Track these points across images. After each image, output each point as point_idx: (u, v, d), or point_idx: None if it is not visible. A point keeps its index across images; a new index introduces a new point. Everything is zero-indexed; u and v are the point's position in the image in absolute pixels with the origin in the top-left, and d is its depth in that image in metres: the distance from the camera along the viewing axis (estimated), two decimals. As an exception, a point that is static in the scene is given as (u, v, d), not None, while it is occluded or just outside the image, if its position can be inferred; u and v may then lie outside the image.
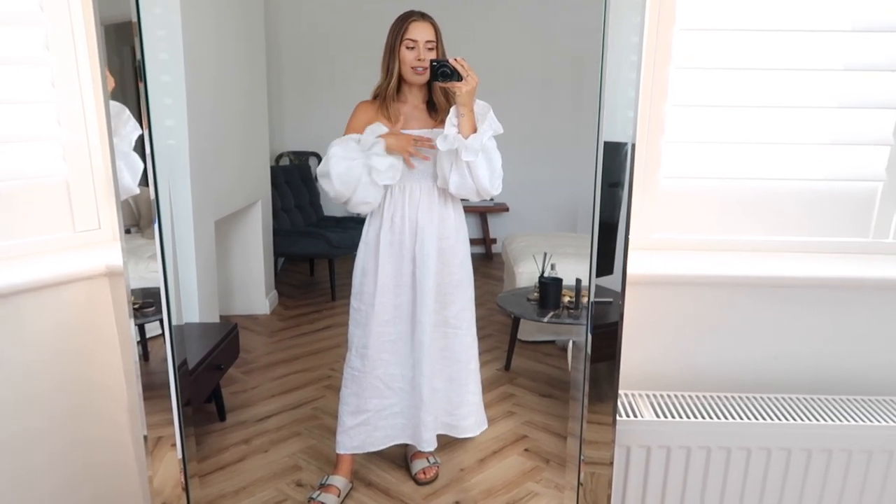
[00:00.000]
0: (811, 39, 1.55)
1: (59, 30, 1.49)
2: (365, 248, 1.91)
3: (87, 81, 1.53)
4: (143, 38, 1.21)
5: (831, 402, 1.60)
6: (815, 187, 1.66)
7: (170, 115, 2.53)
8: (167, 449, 1.40)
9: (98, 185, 1.60)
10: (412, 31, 1.73)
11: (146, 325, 1.37)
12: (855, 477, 1.54)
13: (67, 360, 1.55)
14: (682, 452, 1.52)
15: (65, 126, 1.54)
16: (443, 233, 1.88)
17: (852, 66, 1.55)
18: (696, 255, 1.69)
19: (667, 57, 1.54)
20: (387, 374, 1.94)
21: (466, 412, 2.05)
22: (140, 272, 1.33)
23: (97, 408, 1.62)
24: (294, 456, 2.20)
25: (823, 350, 1.67)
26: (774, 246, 1.70)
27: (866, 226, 1.68)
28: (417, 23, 1.74)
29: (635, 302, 1.62)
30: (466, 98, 1.69)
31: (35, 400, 1.52)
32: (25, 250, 1.54)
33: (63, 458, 1.58)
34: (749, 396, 1.63)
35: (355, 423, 1.97)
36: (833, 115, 1.60)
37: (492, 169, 1.78)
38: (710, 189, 1.67)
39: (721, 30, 1.54)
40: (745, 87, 1.58)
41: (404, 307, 1.91)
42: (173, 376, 1.33)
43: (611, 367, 1.40)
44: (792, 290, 1.63)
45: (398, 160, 1.77)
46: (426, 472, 2.08)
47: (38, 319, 1.49)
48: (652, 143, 1.60)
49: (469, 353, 2.01)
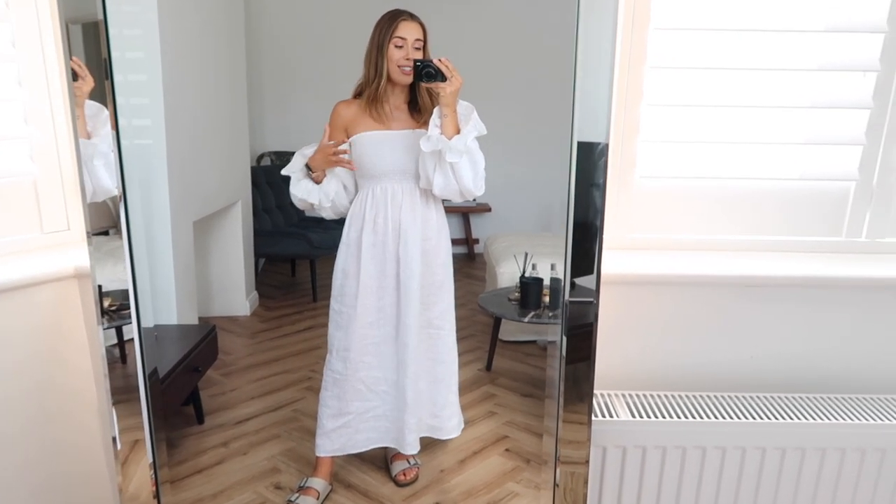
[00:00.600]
0: (785, 39, 1.55)
1: (25, 27, 1.47)
2: (346, 250, 1.89)
3: (56, 80, 1.51)
4: (111, 38, 1.19)
5: (807, 401, 1.61)
6: (790, 187, 1.67)
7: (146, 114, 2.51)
8: (142, 453, 1.37)
9: (67, 186, 1.57)
10: (402, 30, 1.72)
11: (123, 327, 1.35)
12: (828, 475, 1.55)
13: (38, 363, 1.52)
14: (658, 452, 1.52)
15: (32, 125, 1.52)
16: (426, 234, 1.87)
17: (826, 66, 1.56)
18: (673, 254, 1.69)
19: (641, 56, 1.54)
20: (370, 377, 1.93)
21: (450, 413, 2.04)
22: (118, 273, 1.31)
23: (68, 412, 1.59)
24: (273, 458, 2.18)
25: (800, 349, 1.68)
26: (751, 245, 1.71)
27: (840, 225, 1.70)
28: (407, 22, 1.73)
29: (613, 302, 1.62)
30: (450, 99, 1.68)
31: (5, 404, 1.49)
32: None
33: (35, 464, 1.56)
34: (725, 396, 1.63)
35: (336, 425, 1.95)
36: (807, 115, 1.61)
37: (475, 170, 1.77)
38: (688, 189, 1.67)
39: (696, 29, 1.54)
40: (721, 87, 1.58)
41: (388, 309, 1.89)
42: (143, 379, 1.31)
43: (587, 366, 1.40)
44: (769, 289, 1.64)
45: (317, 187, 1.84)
46: (406, 473, 2.07)
47: (6, 322, 1.46)
48: (627, 143, 1.60)
49: (452, 354, 2.00)
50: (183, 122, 2.76)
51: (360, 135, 1.81)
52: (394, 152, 1.80)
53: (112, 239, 1.34)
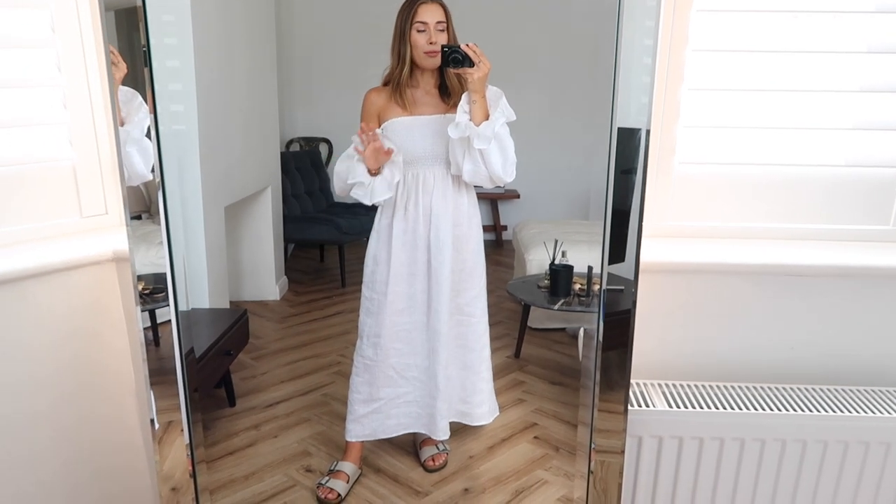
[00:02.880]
0: (832, 21, 1.50)
1: (64, 13, 1.48)
2: (377, 237, 1.89)
3: (94, 65, 1.52)
4: (150, 24, 1.19)
5: (848, 394, 1.57)
6: (834, 173, 1.62)
7: (179, 100, 2.53)
8: (176, 434, 1.39)
9: (105, 171, 1.58)
10: (422, 14, 1.70)
11: (157, 310, 1.37)
12: (871, 470, 1.51)
13: (76, 343, 1.55)
14: (695, 443, 1.50)
15: (71, 110, 1.53)
16: (457, 219, 1.86)
17: (875, 48, 1.51)
18: (710, 242, 1.65)
19: (683, 39, 1.50)
20: (400, 364, 1.93)
21: (480, 399, 2.04)
22: (151, 258, 1.32)
23: (104, 389, 1.62)
24: (303, 442, 2.20)
25: (840, 340, 1.64)
26: (791, 233, 1.66)
27: (887, 213, 1.64)
28: (426, 5, 1.71)
29: (647, 290, 1.60)
30: (478, 84, 1.66)
31: (44, 380, 1.52)
32: (33, 235, 1.54)
33: (71, 434, 1.59)
34: (763, 387, 1.60)
35: (367, 411, 1.96)
36: (854, 100, 1.56)
37: (505, 156, 1.75)
38: (726, 175, 1.63)
39: (739, 11, 1.49)
40: (764, 71, 1.53)
41: (419, 296, 1.89)
42: (180, 363, 1.33)
43: (622, 355, 1.38)
44: (809, 278, 1.60)
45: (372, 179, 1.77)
46: (435, 459, 2.08)
47: (46, 303, 1.49)
48: (667, 129, 1.56)
49: (482, 341, 2.00)
50: (215, 108, 2.77)
51: (391, 121, 1.80)
52: (424, 138, 1.79)
53: (145, 223, 1.35)
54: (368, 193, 1.77)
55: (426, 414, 1.97)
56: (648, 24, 1.23)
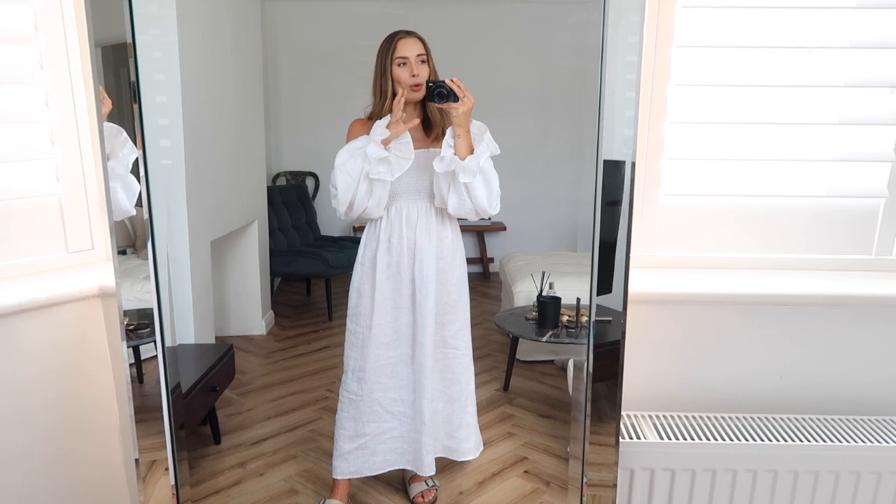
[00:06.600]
0: (811, 56, 1.54)
1: (53, 48, 1.48)
2: (361, 269, 1.89)
3: (82, 101, 1.52)
4: (139, 60, 1.20)
5: (838, 423, 1.58)
6: (816, 204, 1.65)
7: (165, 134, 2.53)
8: (161, 473, 1.36)
9: (92, 205, 1.58)
10: (401, 48, 1.72)
11: (141, 346, 1.35)
12: (863, 499, 1.51)
13: (61, 379, 1.53)
14: (687, 475, 1.49)
15: (58, 145, 1.53)
16: (441, 252, 1.86)
17: (852, 82, 1.55)
18: (696, 273, 1.67)
19: (665, 74, 1.54)
20: (386, 398, 1.91)
21: (466, 434, 2.01)
22: (135, 293, 1.31)
23: (88, 425, 1.59)
24: (290, 479, 2.16)
25: (828, 369, 1.65)
26: (776, 263, 1.68)
27: (869, 243, 1.67)
28: (405, 39, 1.73)
29: (635, 321, 1.60)
30: (463, 119, 1.68)
31: (28, 416, 1.50)
32: (18, 270, 1.52)
33: (54, 471, 1.56)
34: (753, 417, 1.60)
35: (352, 447, 1.93)
36: (833, 132, 1.60)
37: (489, 189, 1.76)
38: (711, 207, 1.66)
39: (719, 47, 1.53)
40: (745, 104, 1.57)
41: (404, 329, 1.88)
42: (167, 400, 1.30)
43: (612, 386, 1.38)
44: (795, 308, 1.61)
45: (389, 155, 1.71)
46: (425, 495, 2.04)
47: (32, 339, 1.47)
48: (651, 161, 1.59)
49: (468, 374, 1.98)
50: (201, 143, 2.78)
51: None
52: (408, 172, 1.80)
53: (130, 258, 1.34)
54: (393, 167, 1.71)
55: (412, 450, 1.94)
56: (631, 59, 1.26)
